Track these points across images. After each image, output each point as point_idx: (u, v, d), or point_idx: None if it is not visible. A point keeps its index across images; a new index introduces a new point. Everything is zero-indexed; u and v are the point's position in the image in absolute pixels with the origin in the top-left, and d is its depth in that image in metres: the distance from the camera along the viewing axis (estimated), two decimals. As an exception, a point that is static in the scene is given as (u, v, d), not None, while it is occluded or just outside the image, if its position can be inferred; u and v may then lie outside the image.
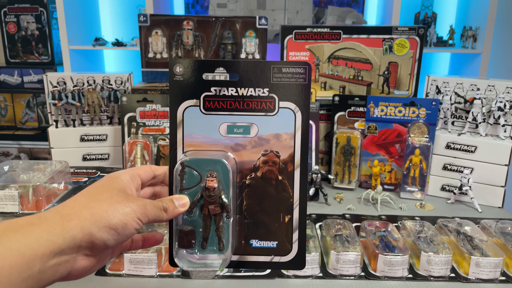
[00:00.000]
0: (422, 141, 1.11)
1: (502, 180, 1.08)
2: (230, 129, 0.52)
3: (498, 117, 1.08)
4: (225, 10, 2.73)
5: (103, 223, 0.42)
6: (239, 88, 0.51)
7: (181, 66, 0.51)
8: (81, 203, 0.44)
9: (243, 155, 0.52)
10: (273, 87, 0.51)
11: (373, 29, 1.24)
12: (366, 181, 1.19)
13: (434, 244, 0.82)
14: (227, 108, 0.51)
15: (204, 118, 0.51)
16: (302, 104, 0.51)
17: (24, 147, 2.40)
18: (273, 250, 0.53)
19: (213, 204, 0.49)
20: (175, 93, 0.51)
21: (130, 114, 1.17)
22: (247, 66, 0.51)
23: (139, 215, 0.44)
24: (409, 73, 1.24)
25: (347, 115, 1.20)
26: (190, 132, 0.52)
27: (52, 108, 1.20)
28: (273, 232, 0.53)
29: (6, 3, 2.30)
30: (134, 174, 0.50)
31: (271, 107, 0.51)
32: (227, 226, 0.50)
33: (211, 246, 0.51)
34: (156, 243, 0.53)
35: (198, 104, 0.51)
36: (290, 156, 0.52)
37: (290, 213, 0.52)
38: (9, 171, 0.97)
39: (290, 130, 0.52)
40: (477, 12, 2.24)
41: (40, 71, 2.34)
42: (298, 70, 0.51)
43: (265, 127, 0.52)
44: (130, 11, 2.60)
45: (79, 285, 0.75)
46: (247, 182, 0.52)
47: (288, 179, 0.52)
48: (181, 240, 0.50)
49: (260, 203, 0.52)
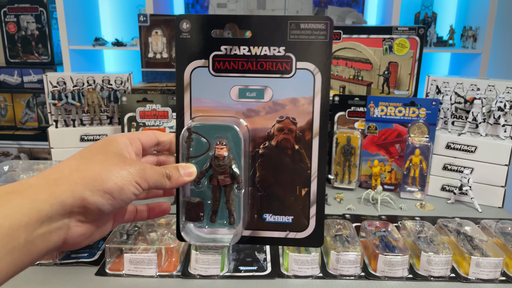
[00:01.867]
0: (422, 141, 1.11)
1: (502, 180, 1.08)
2: (242, 93, 0.47)
3: (498, 117, 1.08)
4: (225, 10, 2.73)
5: (96, 186, 0.38)
6: (252, 47, 0.46)
7: (188, 22, 0.46)
8: (71, 166, 0.40)
9: (256, 122, 0.48)
10: (290, 45, 0.45)
11: (373, 29, 1.24)
12: (366, 181, 1.19)
13: (434, 244, 0.82)
14: (238, 69, 0.46)
15: (213, 80, 0.47)
16: (322, 65, 0.46)
17: (24, 147, 2.40)
18: (288, 225, 0.49)
19: (223, 174, 0.45)
20: (181, 52, 0.46)
21: (130, 114, 1.17)
22: (261, 22, 0.45)
23: (138, 178, 0.40)
24: (409, 73, 1.24)
25: (347, 115, 1.20)
26: (198, 95, 0.47)
27: (52, 108, 1.20)
28: (289, 206, 0.48)
29: (6, 3, 2.30)
30: (134, 137, 0.46)
31: (288, 68, 0.46)
32: (238, 199, 0.46)
33: (221, 219, 0.47)
34: (163, 213, 0.50)
35: (207, 64, 0.46)
36: (308, 123, 0.47)
37: (308, 186, 0.48)
38: (9, 171, 0.97)
39: (309, 94, 0.46)
40: (477, 12, 2.24)
41: (40, 71, 2.34)
42: (319, 26, 0.45)
43: (281, 90, 0.47)
44: (130, 11, 2.60)
45: (79, 285, 0.74)
46: (260, 151, 0.48)
47: (305, 149, 0.47)
48: (188, 213, 0.46)
49: (275, 174, 0.48)
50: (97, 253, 0.83)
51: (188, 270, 0.78)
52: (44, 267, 0.79)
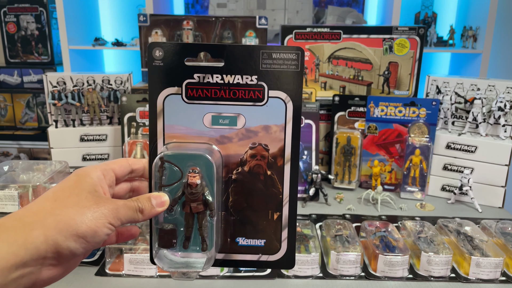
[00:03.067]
0: (422, 141, 1.11)
1: (502, 180, 1.07)
2: (215, 120, 0.48)
3: (498, 117, 1.08)
4: (225, 10, 2.73)
5: (70, 231, 0.38)
6: (225, 75, 0.46)
7: (161, 50, 0.46)
8: (45, 209, 0.39)
9: (229, 148, 0.48)
10: (263, 74, 0.46)
11: (373, 29, 1.24)
12: (366, 181, 1.19)
13: (434, 244, 0.81)
14: (211, 97, 0.47)
15: (186, 107, 0.47)
16: (294, 94, 0.47)
17: (24, 147, 2.40)
18: (260, 248, 0.50)
19: (196, 201, 0.46)
20: (154, 79, 0.47)
21: (130, 114, 1.17)
22: (234, 51, 0.46)
23: (111, 219, 0.40)
24: (409, 73, 1.24)
25: (347, 115, 1.20)
26: (171, 122, 0.48)
27: (52, 108, 1.20)
28: (261, 230, 0.49)
29: (5, 3, 2.30)
30: (107, 169, 0.45)
31: (260, 97, 0.47)
32: (211, 225, 0.47)
33: (194, 245, 0.47)
34: (131, 237, 0.50)
35: (180, 92, 0.47)
36: (280, 150, 0.48)
37: (279, 210, 0.49)
38: (9, 171, 0.97)
39: (281, 122, 0.47)
40: (477, 12, 2.24)
41: (40, 71, 2.33)
42: (290, 56, 0.46)
43: (253, 118, 0.47)
44: (130, 11, 2.60)
45: (79, 285, 0.74)
46: (233, 177, 0.49)
47: (277, 174, 0.48)
48: (161, 240, 0.46)
49: (247, 199, 0.49)
50: (97, 253, 0.83)
51: (188, 270, 0.78)
52: (44, 267, 0.79)
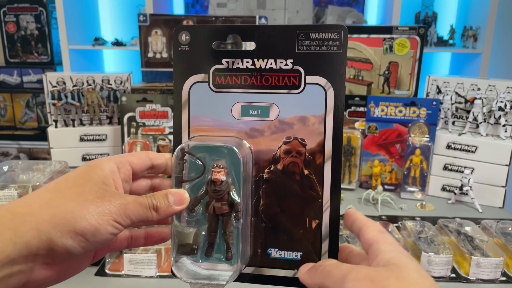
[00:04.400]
0: (423, 141, 1.11)
1: (502, 180, 1.07)
2: (245, 111, 0.42)
3: (498, 117, 1.08)
4: (225, 10, 2.72)
5: (66, 226, 0.33)
6: (256, 60, 0.41)
7: (188, 34, 0.42)
8: (42, 199, 0.35)
9: (260, 143, 0.42)
10: (299, 57, 0.41)
11: (374, 28, 1.24)
12: (366, 181, 1.19)
13: (435, 244, 0.81)
14: (241, 84, 0.42)
15: (214, 96, 0.42)
16: (335, 79, 0.40)
17: (24, 147, 2.39)
18: (296, 262, 0.42)
19: (220, 201, 0.40)
20: (180, 66, 0.42)
21: (129, 114, 1.17)
22: (266, 32, 0.41)
23: (117, 216, 0.35)
24: (410, 73, 1.24)
25: (347, 115, 1.20)
26: (197, 113, 0.43)
27: (52, 108, 1.20)
28: (297, 240, 0.42)
29: (5, 2, 2.30)
30: (123, 161, 0.40)
31: (296, 83, 0.41)
32: (237, 230, 0.40)
33: (217, 254, 0.41)
34: (162, 240, 0.44)
35: (207, 79, 0.42)
36: (319, 145, 0.41)
37: (319, 217, 0.42)
38: (9, 171, 0.96)
39: (320, 112, 0.41)
40: (477, 12, 2.23)
41: (39, 71, 2.33)
42: (331, 35, 0.40)
43: (288, 108, 0.42)
44: (129, 11, 2.60)
45: (79, 285, 0.74)
46: (264, 176, 0.42)
47: (316, 174, 0.42)
48: (180, 245, 0.41)
49: (281, 203, 0.42)
50: (96, 253, 0.83)
51: (188, 271, 0.77)
52: (43, 267, 0.79)
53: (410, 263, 0.33)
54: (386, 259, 0.33)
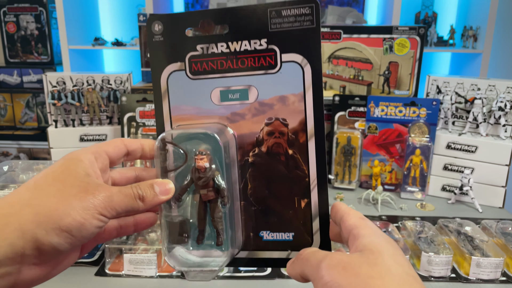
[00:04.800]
0: (423, 141, 1.11)
1: (502, 180, 1.07)
2: (224, 95, 0.42)
3: (498, 117, 1.08)
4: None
5: (51, 224, 0.33)
6: (230, 43, 0.41)
7: (160, 23, 0.42)
8: (22, 199, 0.34)
9: (242, 127, 0.42)
10: (273, 36, 0.40)
11: (374, 28, 1.24)
12: (366, 181, 1.19)
13: (435, 244, 0.81)
14: (218, 69, 0.41)
15: (192, 84, 0.42)
16: (311, 55, 0.40)
17: (24, 147, 2.39)
18: (289, 243, 0.42)
19: (206, 188, 0.40)
20: (156, 56, 0.42)
21: (129, 114, 1.17)
22: (238, 14, 0.40)
23: (102, 209, 0.35)
24: (410, 73, 1.24)
25: (347, 115, 1.20)
26: (177, 103, 0.43)
27: (52, 108, 1.20)
28: (288, 221, 0.42)
29: (5, 2, 2.30)
30: (100, 151, 0.40)
31: (272, 63, 0.41)
32: (226, 215, 0.41)
33: (208, 240, 0.42)
34: (150, 225, 0.44)
35: (184, 67, 0.42)
36: (301, 124, 0.41)
37: (307, 196, 0.42)
38: (9, 171, 0.96)
39: (299, 90, 0.41)
40: (477, 12, 2.23)
41: (39, 71, 2.33)
42: (303, 10, 0.39)
43: (267, 88, 0.41)
44: (129, 11, 2.60)
45: (79, 285, 0.74)
46: (250, 160, 0.42)
47: (300, 153, 0.41)
48: (171, 235, 0.41)
49: (269, 185, 0.42)
50: (96, 253, 0.83)
51: (188, 271, 0.77)
52: (43, 267, 0.79)
53: (387, 249, 0.32)
54: (364, 243, 0.33)
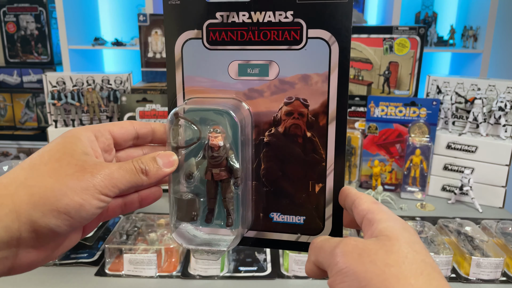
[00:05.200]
0: (423, 141, 1.11)
1: (503, 180, 1.07)
2: (243, 69, 0.39)
3: (499, 117, 1.08)
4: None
5: (47, 206, 0.31)
6: (253, 12, 0.38)
7: None
8: (18, 179, 0.32)
9: (259, 104, 0.40)
10: (300, 8, 0.37)
11: (374, 28, 1.24)
12: (366, 181, 1.19)
13: (435, 244, 0.81)
14: (238, 40, 0.38)
15: (208, 54, 0.39)
16: (340, 33, 0.37)
17: (24, 147, 2.39)
18: (299, 227, 0.41)
19: (218, 167, 0.38)
20: (170, 22, 0.39)
21: (129, 114, 1.17)
22: None
23: (103, 188, 0.33)
24: (410, 72, 1.24)
25: (347, 115, 1.20)
26: (191, 73, 0.40)
27: (52, 108, 1.20)
28: (300, 204, 0.40)
29: (5, 2, 2.30)
30: (102, 130, 0.37)
31: (297, 38, 0.38)
32: (237, 196, 0.39)
33: (217, 220, 0.40)
34: (156, 199, 0.42)
35: (201, 36, 0.39)
36: (322, 106, 0.39)
37: (322, 181, 0.40)
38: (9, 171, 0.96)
39: (323, 70, 0.38)
40: (477, 12, 2.23)
41: (39, 71, 2.33)
42: None
43: (289, 65, 0.38)
44: (129, 11, 2.60)
45: (79, 286, 0.74)
46: (265, 139, 0.40)
47: (319, 137, 0.39)
48: (180, 212, 0.40)
49: (283, 167, 0.40)
50: (96, 253, 0.83)
51: (188, 271, 0.77)
52: (43, 267, 0.79)
53: (403, 235, 0.31)
54: (379, 229, 0.32)
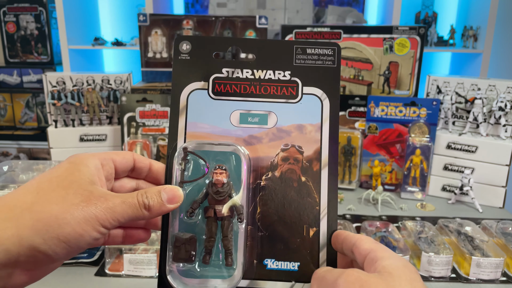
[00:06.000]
0: (423, 141, 1.11)
1: (503, 180, 1.07)
2: (244, 118, 0.43)
3: (499, 117, 1.08)
4: (225, 10, 2.72)
5: (49, 233, 0.32)
6: (255, 70, 0.43)
7: (189, 44, 0.43)
8: (24, 203, 0.33)
9: (258, 150, 0.42)
10: (296, 70, 0.43)
11: (374, 28, 1.24)
12: (366, 181, 1.19)
13: (435, 244, 0.81)
14: (240, 93, 0.43)
15: (212, 103, 0.43)
16: (330, 91, 0.43)
17: (24, 147, 2.39)
18: (293, 274, 0.41)
19: (221, 204, 0.39)
20: (179, 73, 0.43)
21: (129, 114, 1.17)
22: (266, 46, 0.43)
23: (103, 221, 0.34)
24: (410, 72, 1.24)
25: (347, 115, 1.20)
26: (194, 120, 0.42)
27: (52, 108, 1.20)
28: (294, 249, 0.41)
29: (5, 2, 2.30)
30: (107, 158, 0.39)
31: (293, 93, 0.43)
32: (237, 235, 0.39)
33: (215, 260, 0.40)
34: (140, 241, 0.42)
35: (207, 87, 0.43)
36: (315, 153, 0.42)
37: (316, 225, 0.41)
38: (9, 171, 0.96)
39: (316, 121, 0.42)
40: (478, 12, 2.23)
41: (39, 71, 2.33)
42: (326, 51, 0.43)
43: (286, 116, 0.43)
44: (129, 11, 2.60)
45: (79, 285, 0.74)
46: (262, 183, 0.42)
47: (313, 181, 0.42)
48: (177, 251, 0.39)
49: (278, 211, 0.41)
50: (96, 253, 0.83)
51: (188, 271, 0.77)
52: (43, 267, 0.79)
53: (405, 273, 0.32)
54: (383, 265, 0.33)
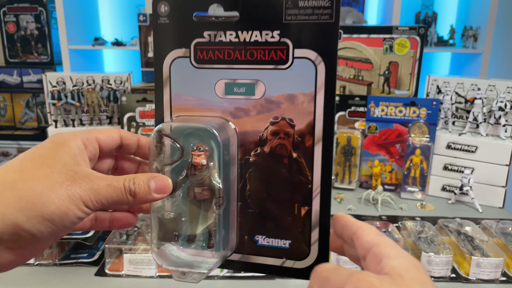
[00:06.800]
0: (423, 141, 1.11)
1: (503, 180, 1.07)
2: (229, 88, 0.39)
3: (499, 117, 1.08)
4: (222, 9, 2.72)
5: (33, 211, 0.31)
6: (240, 32, 0.38)
7: (167, 5, 0.39)
8: (6, 181, 0.32)
9: (245, 123, 0.39)
10: (286, 28, 0.37)
11: (374, 28, 1.24)
12: (366, 181, 1.19)
13: (435, 244, 0.81)
14: (224, 59, 0.39)
15: (196, 73, 0.39)
16: (326, 52, 0.37)
17: (24, 147, 2.39)
18: (284, 251, 0.40)
19: (201, 186, 0.38)
20: (160, 40, 0.40)
21: (129, 114, 1.17)
22: (251, 1, 0.38)
23: (87, 201, 0.33)
24: (410, 72, 1.24)
25: (347, 115, 1.20)
26: (179, 91, 0.40)
27: (52, 108, 1.20)
28: (285, 228, 0.39)
29: (5, 2, 2.30)
30: (91, 138, 0.37)
31: (283, 57, 0.38)
32: (219, 217, 0.38)
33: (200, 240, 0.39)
34: (128, 225, 0.42)
35: (188, 54, 0.39)
36: (308, 126, 0.38)
37: (308, 203, 0.39)
38: None
39: (309, 90, 0.38)
40: (477, 12, 2.23)
41: (39, 71, 2.33)
42: (322, 2, 0.36)
43: (275, 85, 0.38)
44: (129, 11, 2.60)
45: (79, 286, 0.74)
46: (250, 159, 0.39)
47: (305, 157, 0.38)
48: (161, 231, 0.39)
49: (268, 188, 0.39)
50: (96, 253, 0.83)
51: (188, 271, 0.77)
52: (43, 267, 0.79)
53: (417, 275, 0.30)
54: (391, 265, 0.31)
